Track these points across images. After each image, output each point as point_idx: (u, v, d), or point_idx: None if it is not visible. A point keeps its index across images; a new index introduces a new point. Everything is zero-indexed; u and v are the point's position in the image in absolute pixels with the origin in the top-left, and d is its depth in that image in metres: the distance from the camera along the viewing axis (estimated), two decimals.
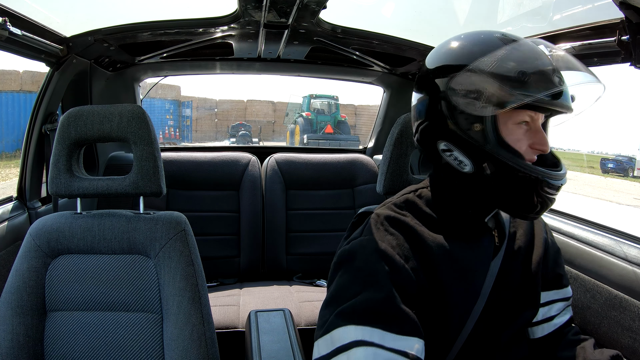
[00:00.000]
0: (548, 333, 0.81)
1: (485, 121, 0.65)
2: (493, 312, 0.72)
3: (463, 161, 0.67)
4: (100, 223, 0.96)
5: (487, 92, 0.63)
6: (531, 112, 0.66)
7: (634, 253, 0.91)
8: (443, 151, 0.69)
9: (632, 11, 0.78)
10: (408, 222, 0.70)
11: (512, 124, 0.66)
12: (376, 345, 0.57)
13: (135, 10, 1.31)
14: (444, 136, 0.69)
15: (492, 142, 0.65)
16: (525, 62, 0.63)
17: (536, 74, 0.62)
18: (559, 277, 0.82)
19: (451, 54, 0.69)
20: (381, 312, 0.60)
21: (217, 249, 1.80)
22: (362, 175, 1.95)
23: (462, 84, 0.65)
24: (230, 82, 36.24)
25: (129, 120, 0.95)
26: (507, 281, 0.74)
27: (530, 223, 0.81)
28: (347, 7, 1.35)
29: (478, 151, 0.66)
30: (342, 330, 0.59)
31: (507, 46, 0.65)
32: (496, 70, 0.63)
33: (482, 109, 0.64)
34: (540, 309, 0.81)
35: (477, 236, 0.73)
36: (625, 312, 0.88)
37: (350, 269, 0.65)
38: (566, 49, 1.04)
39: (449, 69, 0.68)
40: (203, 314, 0.91)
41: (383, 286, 0.61)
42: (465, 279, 0.69)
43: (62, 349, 0.91)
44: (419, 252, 0.67)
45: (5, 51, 1.15)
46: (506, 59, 0.63)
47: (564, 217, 1.20)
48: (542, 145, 0.67)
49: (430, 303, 0.67)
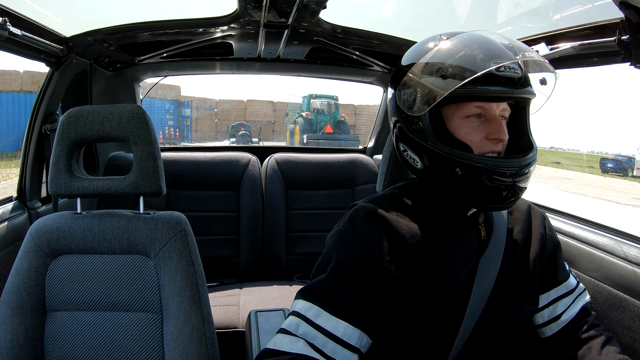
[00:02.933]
0: (557, 331, 0.81)
1: (423, 119, 0.68)
2: (493, 309, 0.72)
3: (415, 159, 0.71)
4: (100, 223, 0.96)
5: (418, 92, 0.67)
6: (479, 103, 0.68)
7: (634, 253, 0.91)
8: (402, 152, 0.74)
9: (632, 11, 0.78)
10: (383, 213, 0.73)
11: (459, 118, 0.69)
12: (306, 319, 0.65)
13: (135, 10, 1.31)
14: (402, 137, 0.73)
15: (432, 137, 0.68)
16: (446, 57, 0.66)
17: (454, 67, 0.64)
18: (556, 273, 0.82)
19: (404, 57, 0.74)
20: (322, 292, 0.67)
21: (217, 249, 1.80)
22: (362, 175, 1.95)
23: (404, 87, 0.70)
24: (230, 82, 36.55)
25: (129, 120, 0.95)
26: (506, 278, 0.74)
27: (527, 219, 0.82)
28: (347, 7, 1.35)
29: (422, 148, 0.69)
30: (294, 302, 0.69)
31: (439, 45, 0.68)
32: (422, 70, 0.67)
33: (417, 108, 0.68)
34: (545, 310, 0.81)
35: (461, 229, 0.74)
36: (626, 311, 0.88)
37: (321, 256, 0.74)
38: (566, 48, 1.04)
39: (400, 72, 0.72)
40: (203, 314, 0.91)
41: (331, 270, 0.68)
42: (445, 269, 0.70)
43: (62, 349, 0.91)
44: (391, 242, 0.70)
45: (5, 51, 1.14)
46: (432, 57, 0.67)
47: (564, 217, 1.20)
48: (497, 134, 0.68)
49: (406, 291, 0.69)
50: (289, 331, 0.65)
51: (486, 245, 0.74)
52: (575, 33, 1.03)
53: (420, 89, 0.67)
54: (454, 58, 0.64)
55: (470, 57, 0.64)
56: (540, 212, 0.85)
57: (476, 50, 0.64)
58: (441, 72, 0.64)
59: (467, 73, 0.62)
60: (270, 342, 0.65)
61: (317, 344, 0.63)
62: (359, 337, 0.65)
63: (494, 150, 0.68)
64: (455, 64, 0.64)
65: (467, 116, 0.68)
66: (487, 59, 0.63)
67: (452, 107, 0.68)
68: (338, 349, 0.63)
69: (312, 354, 0.62)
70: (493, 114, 0.68)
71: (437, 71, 0.65)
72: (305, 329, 0.64)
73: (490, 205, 0.69)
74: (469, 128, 0.68)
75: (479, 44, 0.66)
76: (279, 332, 0.66)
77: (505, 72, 0.65)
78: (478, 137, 0.68)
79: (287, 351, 0.62)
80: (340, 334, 0.63)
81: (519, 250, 0.78)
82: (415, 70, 0.68)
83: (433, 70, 0.66)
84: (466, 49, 0.65)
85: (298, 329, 0.64)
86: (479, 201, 0.68)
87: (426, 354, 0.71)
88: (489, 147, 0.68)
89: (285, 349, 0.63)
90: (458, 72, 0.63)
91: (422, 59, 0.68)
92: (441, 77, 0.64)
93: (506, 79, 0.66)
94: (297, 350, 0.62)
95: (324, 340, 0.63)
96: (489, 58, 0.63)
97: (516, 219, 0.81)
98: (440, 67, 0.65)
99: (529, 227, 0.81)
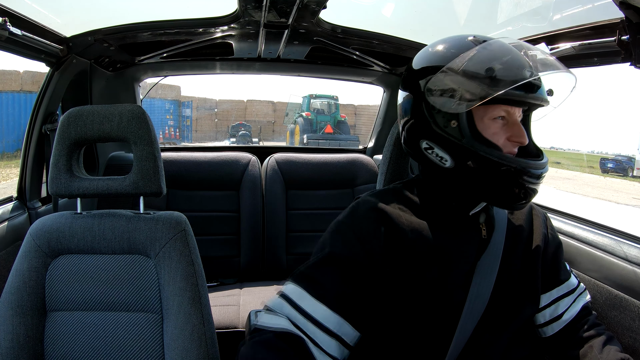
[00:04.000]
0: (558, 330, 0.82)
1: (460, 118, 0.70)
2: (494, 309, 0.72)
3: (443, 157, 0.72)
4: (101, 223, 0.96)
5: (458, 91, 0.68)
6: (506, 106, 0.70)
7: (634, 253, 0.91)
8: (425, 149, 0.74)
9: (632, 11, 0.78)
10: (384, 207, 0.74)
11: (488, 119, 0.70)
12: (290, 300, 0.69)
13: (135, 10, 1.31)
14: (425, 135, 0.73)
15: (468, 136, 0.69)
16: (492, 60, 0.67)
17: (502, 69, 0.66)
18: (558, 272, 0.83)
19: (430, 57, 0.75)
20: (308, 276, 0.71)
21: (217, 249, 1.80)
22: (362, 175, 1.95)
23: (437, 85, 0.71)
24: (230, 82, 36.58)
25: (129, 120, 0.95)
26: (507, 277, 0.74)
27: (529, 219, 0.82)
28: (347, 7, 1.35)
29: (456, 146, 0.70)
30: (284, 285, 0.74)
31: (477, 46, 0.70)
32: (465, 70, 0.68)
33: (456, 107, 0.69)
34: (546, 310, 0.81)
35: (462, 228, 0.75)
36: (626, 312, 0.88)
37: (317, 244, 0.77)
38: (566, 48, 1.04)
39: (428, 70, 0.73)
40: (203, 314, 0.92)
41: (323, 259, 0.72)
42: (443, 266, 0.72)
43: (62, 348, 0.91)
44: (391, 237, 0.72)
45: (6, 51, 1.14)
46: (474, 58, 0.68)
47: (564, 217, 1.20)
48: (519, 137, 0.71)
49: (403, 286, 0.71)
50: (274, 310, 0.70)
51: (486, 245, 0.74)
52: (575, 33, 1.03)
53: (460, 87, 0.68)
54: (502, 61, 0.67)
55: (516, 61, 0.67)
56: (542, 212, 0.86)
57: (516, 57, 0.68)
58: (490, 73, 0.66)
59: (518, 77, 0.66)
60: (256, 320, 0.71)
61: (299, 324, 0.67)
62: (338, 323, 0.68)
63: (513, 152, 0.72)
64: (505, 67, 0.67)
65: (494, 118, 0.71)
66: (525, 67, 0.67)
67: (483, 108, 0.70)
68: (317, 332, 0.67)
69: (294, 331, 0.66)
70: (515, 117, 0.72)
71: (487, 71, 0.67)
72: (288, 310, 0.69)
73: (514, 204, 0.72)
74: (496, 129, 0.71)
75: (513, 52, 0.69)
76: (265, 311, 0.71)
77: (535, 81, 0.69)
78: (502, 138, 0.71)
79: (271, 327, 0.67)
80: (319, 317, 0.67)
81: (520, 250, 0.78)
82: (455, 69, 0.69)
83: (482, 70, 0.67)
84: (507, 55, 0.68)
85: (282, 309, 0.69)
86: (506, 200, 0.71)
87: (424, 352, 0.71)
88: (509, 148, 0.71)
89: (269, 325, 0.68)
90: (507, 75, 0.66)
91: (460, 58, 0.69)
92: (489, 77, 0.66)
93: (532, 86, 0.69)
94: (281, 326, 0.67)
95: (304, 322, 0.67)
96: (526, 66, 0.67)
97: (518, 219, 0.81)
98: (490, 67, 0.67)
99: (530, 227, 0.81)
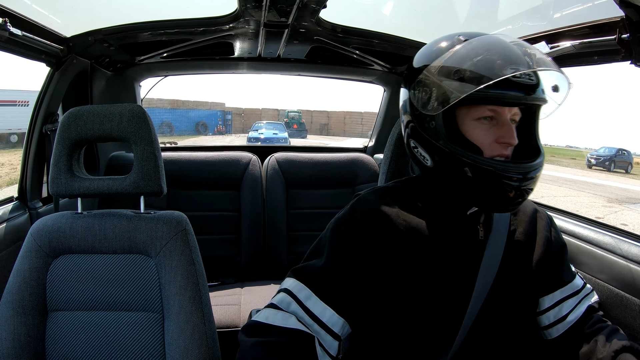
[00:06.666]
0: (564, 332, 0.80)
1: (436, 119, 0.69)
2: (490, 310, 0.72)
3: (425, 156, 0.72)
4: (101, 223, 0.96)
5: (434, 93, 0.68)
6: (492, 106, 0.68)
7: (635, 251, 0.91)
8: (413, 148, 0.75)
9: (632, 9, 0.77)
10: (383, 206, 0.75)
11: (471, 120, 0.69)
12: (297, 299, 0.71)
13: (135, 10, 1.31)
14: (413, 134, 0.74)
15: (444, 137, 0.69)
16: (463, 60, 0.66)
17: (474, 69, 0.65)
18: (561, 274, 0.81)
19: (418, 57, 0.75)
20: (315, 276, 0.72)
21: (217, 249, 1.80)
22: (363, 175, 1.95)
23: (418, 86, 0.71)
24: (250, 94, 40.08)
25: (129, 120, 0.95)
26: (505, 279, 0.74)
27: (532, 221, 0.81)
28: (347, 6, 1.35)
29: (434, 147, 0.70)
30: (286, 279, 0.75)
31: (457, 46, 0.69)
32: (440, 71, 0.68)
33: (432, 108, 0.68)
34: (550, 311, 0.80)
35: (459, 228, 0.74)
36: (626, 310, 0.88)
37: (317, 239, 0.78)
38: (566, 47, 1.03)
39: (415, 71, 0.73)
40: (204, 313, 0.92)
41: (326, 258, 0.73)
42: (439, 266, 0.72)
43: (63, 348, 0.91)
44: (389, 235, 0.73)
45: (6, 52, 1.14)
46: (450, 59, 0.67)
47: (565, 216, 1.20)
48: (507, 139, 0.68)
49: (398, 285, 0.71)
50: (281, 307, 0.71)
51: (484, 246, 0.74)
52: (575, 32, 1.03)
53: (436, 89, 0.68)
54: (472, 62, 0.65)
55: (489, 61, 0.64)
56: (546, 214, 0.84)
57: (494, 55, 0.65)
58: (459, 75, 0.65)
59: (485, 79, 0.63)
60: (260, 315, 0.70)
61: (305, 323, 0.70)
62: (342, 326, 0.71)
63: (503, 154, 0.69)
64: (474, 68, 0.64)
65: (479, 118, 0.69)
66: (505, 65, 0.63)
67: (465, 108, 0.68)
68: (321, 332, 0.70)
69: (304, 329, 0.68)
70: (504, 117, 0.69)
71: (455, 73, 0.65)
72: (295, 308, 0.70)
73: (496, 207, 0.70)
74: (481, 130, 0.69)
75: (497, 48, 0.66)
76: (270, 307, 0.71)
77: (520, 79, 0.66)
78: (488, 139, 0.69)
79: (280, 326, 0.69)
80: (326, 320, 0.70)
81: (520, 252, 0.77)
82: (432, 70, 0.69)
83: (451, 72, 0.66)
84: (485, 53, 0.65)
85: (289, 307, 0.70)
86: (484, 202, 0.69)
87: (421, 351, 0.71)
88: (498, 150, 0.69)
89: (278, 323, 0.69)
90: (476, 76, 0.64)
91: (439, 60, 0.69)
92: (459, 79, 0.65)
93: (521, 85, 0.67)
94: (291, 326, 0.69)
95: (311, 322, 0.70)
96: (506, 64, 0.64)
97: (520, 220, 0.80)
98: (458, 69, 0.65)
99: (533, 229, 0.80)
